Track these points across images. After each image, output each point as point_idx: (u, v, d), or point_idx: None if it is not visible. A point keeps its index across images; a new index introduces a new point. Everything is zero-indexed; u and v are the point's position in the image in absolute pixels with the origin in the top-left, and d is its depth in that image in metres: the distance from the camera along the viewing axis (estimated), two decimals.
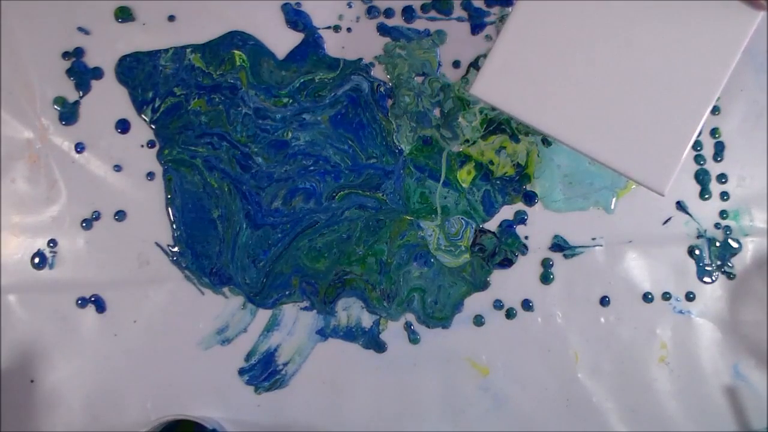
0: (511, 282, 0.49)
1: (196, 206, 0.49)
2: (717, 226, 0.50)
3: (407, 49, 0.50)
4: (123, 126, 0.49)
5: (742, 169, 0.51)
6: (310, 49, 0.50)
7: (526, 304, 0.49)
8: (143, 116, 0.49)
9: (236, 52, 0.50)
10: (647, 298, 0.49)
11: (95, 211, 0.49)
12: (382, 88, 0.50)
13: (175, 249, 0.49)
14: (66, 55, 0.49)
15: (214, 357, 0.48)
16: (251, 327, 0.48)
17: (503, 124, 0.50)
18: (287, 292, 0.49)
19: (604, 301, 0.49)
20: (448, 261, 0.49)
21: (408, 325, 0.49)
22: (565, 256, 0.49)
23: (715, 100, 0.36)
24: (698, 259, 0.50)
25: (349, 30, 0.50)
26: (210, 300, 0.48)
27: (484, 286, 0.49)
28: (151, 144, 0.49)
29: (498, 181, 0.50)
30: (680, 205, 0.50)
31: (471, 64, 0.50)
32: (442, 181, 0.50)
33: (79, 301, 0.48)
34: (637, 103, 0.36)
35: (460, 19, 0.50)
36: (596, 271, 0.49)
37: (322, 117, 0.50)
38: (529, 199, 0.50)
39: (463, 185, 0.50)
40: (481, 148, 0.50)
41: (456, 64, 0.50)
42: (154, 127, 0.49)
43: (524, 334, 0.49)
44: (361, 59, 0.50)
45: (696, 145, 0.51)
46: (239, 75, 0.50)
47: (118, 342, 0.48)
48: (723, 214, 0.50)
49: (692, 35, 0.36)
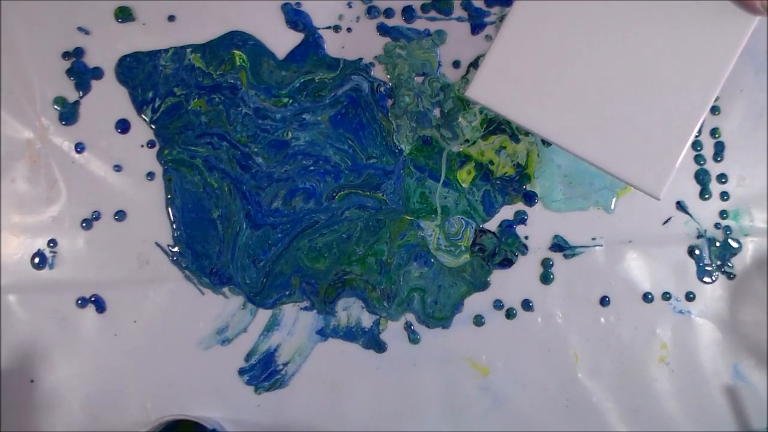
0: (511, 282, 0.49)
1: (196, 206, 0.49)
2: (717, 226, 0.50)
3: (407, 49, 0.50)
4: (123, 126, 0.49)
5: (742, 169, 0.51)
6: (310, 49, 0.50)
7: (526, 304, 0.49)
8: (143, 116, 0.49)
9: (236, 52, 0.50)
10: (647, 298, 0.49)
11: (95, 211, 0.49)
12: (382, 88, 0.50)
13: (175, 249, 0.49)
14: (66, 55, 0.49)
15: (214, 357, 0.48)
16: (251, 327, 0.48)
17: (503, 124, 0.50)
18: (287, 292, 0.49)
19: (604, 301, 0.49)
20: (448, 261, 0.49)
21: (408, 325, 0.49)
22: (565, 256, 0.49)
23: (711, 105, 0.36)
24: (698, 259, 0.50)
25: (349, 30, 0.50)
26: (210, 300, 0.48)
27: (484, 286, 0.49)
28: (151, 144, 0.49)
29: (498, 181, 0.50)
30: (680, 205, 0.50)
31: (471, 64, 0.50)
32: (442, 181, 0.50)
33: (79, 301, 0.48)
34: (634, 107, 0.36)
35: (460, 19, 0.50)
36: (596, 271, 0.49)
37: (322, 117, 0.50)
38: (529, 199, 0.50)
39: (463, 185, 0.50)
40: (481, 148, 0.50)
41: (456, 64, 0.50)
42: (154, 127, 0.49)
43: (524, 334, 0.49)
44: (361, 59, 0.50)
45: (696, 145, 0.51)
46: (239, 75, 0.50)
47: (118, 342, 0.48)
48: (723, 214, 0.50)
49: (689, 39, 0.36)
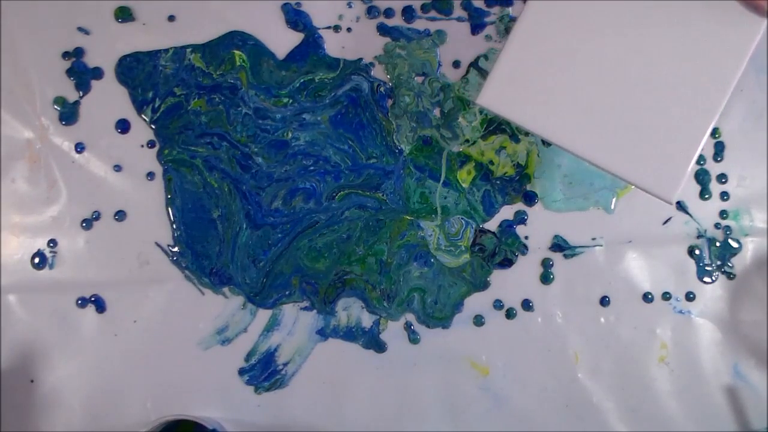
0: (511, 282, 0.49)
1: (196, 206, 0.49)
2: (717, 226, 0.50)
3: (407, 49, 0.50)
4: (123, 126, 0.49)
5: (742, 169, 0.51)
6: (310, 49, 0.50)
7: (526, 304, 0.49)
8: (143, 116, 0.49)
9: (236, 52, 0.50)
10: (647, 298, 0.49)
11: (95, 211, 0.49)
12: (382, 88, 0.50)
13: (175, 249, 0.49)
14: (66, 55, 0.49)
15: (214, 357, 0.48)
16: (251, 327, 0.48)
17: (503, 124, 0.50)
18: (287, 292, 0.49)
19: (604, 301, 0.49)
20: (448, 261, 0.49)
21: (408, 325, 0.49)
22: (565, 256, 0.49)
23: (722, 108, 0.36)
24: (698, 259, 0.50)
25: (349, 30, 0.50)
26: (210, 300, 0.48)
27: (484, 286, 0.49)
28: (151, 144, 0.49)
29: (498, 181, 0.50)
30: (680, 205, 0.50)
31: (471, 64, 0.50)
32: (442, 181, 0.50)
33: (79, 301, 0.48)
34: (645, 112, 0.36)
35: (460, 19, 0.50)
36: (596, 271, 0.49)
37: (322, 117, 0.50)
38: (529, 199, 0.50)
39: (463, 185, 0.50)
40: (481, 148, 0.50)
41: (456, 64, 0.50)
42: (154, 127, 0.49)
43: (524, 334, 0.49)
44: (361, 59, 0.50)
45: None
46: (239, 75, 0.50)
47: (118, 342, 0.48)
48: (723, 214, 0.50)
49: (698, 42, 0.35)
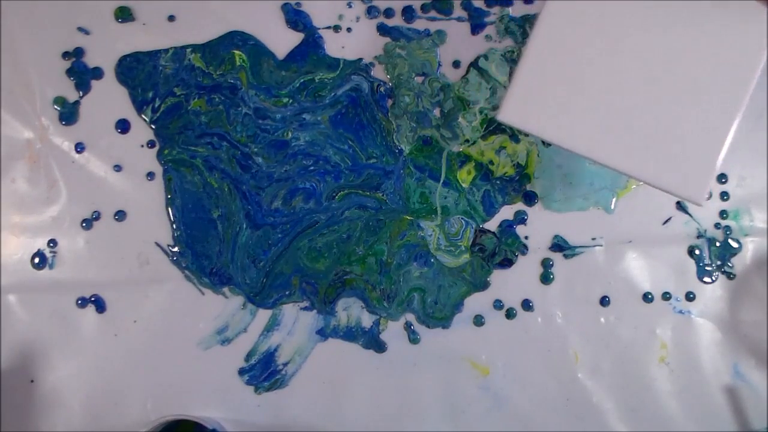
0: (511, 282, 0.49)
1: (196, 206, 0.49)
2: (717, 226, 0.50)
3: (407, 49, 0.50)
4: (123, 126, 0.49)
5: (742, 169, 0.51)
6: (310, 49, 0.50)
7: (526, 304, 0.49)
8: (143, 116, 0.49)
9: (236, 52, 0.50)
10: (647, 298, 0.49)
11: (95, 211, 0.49)
12: (382, 88, 0.50)
13: (175, 249, 0.49)
14: (66, 55, 0.49)
15: (214, 357, 0.48)
16: (251, 327, 0.48)
17: (503, 124, 0.50)
18: (287, 292, 0.49)
19: (604, 301, 0.49)
20: (448, 261, 0.49)
21: (408, 325, 0.49)
22: (565, 256, 0.49)
23: (746, 104, 0.35)
24: (698, 259, 0.50)
25: (349, 30, 0.50)
26: (210, 300, 0.48)
27: (484, 286, 0.49)
28: (151, 144, 0.49)
29: (498, 181, 0.50)
30: (680, 205, 0.50)
31: (471, 64, 0.50)
32: (442, 181, 0.50)
33: (79, 301, 0.48)
34: (667, 115, 0.36)
35: (460, 19, 0.50)
36: (596, 271, 0.49)
37: (322, 117, 0.50)
38: (529, 199, 0.50)
39: (463, 185, 0.50)
40: (481, 148, 0.50)
41: (456, 64, 0.50)
42: (154, 127, 0.49)
43: (524, 334, 0.49)
44: (361, 59, 0.50)
45: None
46: (239, 75, 0.50)
47: (118, 342, 0.48)
48: (723, 214, 0.50)
49: (715, 42, 0.35)
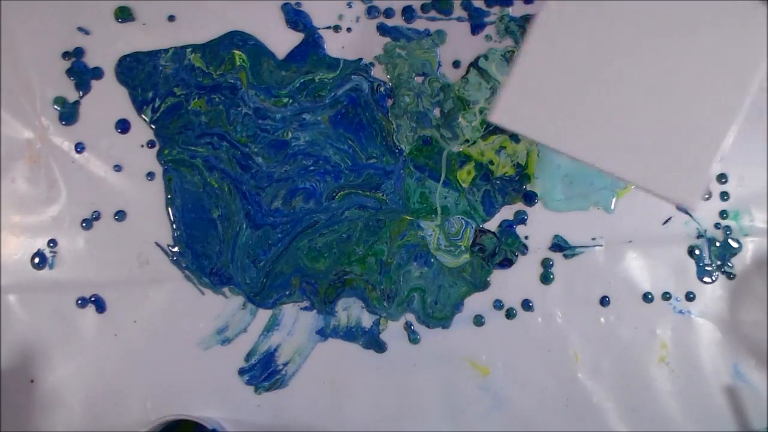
0: (511, 282, 0.49)
1: (196, 206, 0.49)
2: (717, 226, 0.50)
3: (407, 49, 0.50)
4: (123, 126, 0.49)
5: (742, 169, 0.51)
6: (310, 49, 0.50)
7: (526, 304, 0.49)
8: (143, 116, 0.49)
9: (236, 52, 0.50)
10: (647, 298, 0.49)
11: (95, 211, 0.49)
12: (382, 88, 0.50)
13: (175, 249, 0.49)
14: (66, 55, 0.49)
15: (214, 357, 0.48)
16: (251, 327, 0.48)
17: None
18: (287, 292, 0.49)
19: (604, 301, 0.49)
20: (448, 261, 0.49)
21: (408, 325, 0.49)
22: (565, 256, 0.49)
23: (744, 109, 0.35)
24: (698, 259, 0.50)
25: (349, 30, 0.50)
26: (210, 300, 0.48)
27: (484, 286, 0.49)
28: (151, 144, 0.49)
29: (498, 181, 0.50)
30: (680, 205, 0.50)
31: (471, 64, 0.50)
32: (442, 181, 0.50)
33: (79, 301, 0.48)
34: (662, 119, 0.35)
35: (460, 19, 0.50)
36: (596, 271, 0.49)
37: (322, 117, 0.50)
38: (529, 199, 0.50)
39: (463, 185, 0.50)
40: (481, 148, 0.50)
41: (456, 64, 0.50)
42: (154, 127, 0.49)
43: (524, 334, 0.49)
44: (361, 59, 0.50)
45: None
46: (239, 75, 0.50)
47: (118, 342, 0.48)
48: (723, 214, 0.50)
49: (713, 46, 0.35)
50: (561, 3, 0.36)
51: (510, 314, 0.49)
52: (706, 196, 0.35)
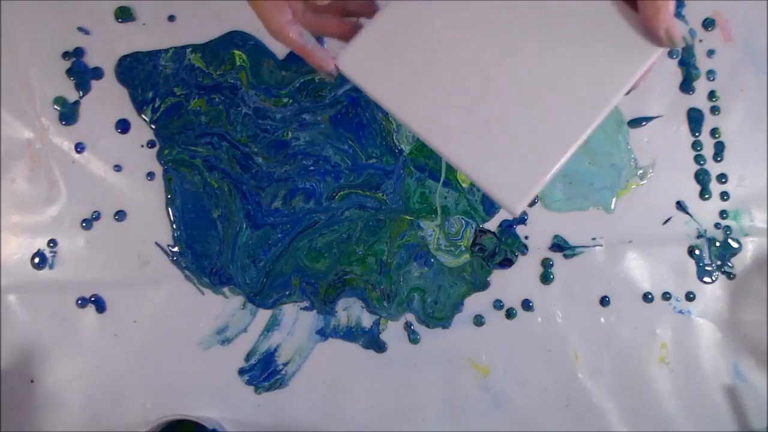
0: (511, 282, 0.49)
1: (196, 206, 0.49)
2: (717, 226, 0.50)
3: None
4: (123, 126, 0.49)
5: (742, 169, 0.51)
6: None
7: (526, 304, 0.49)
8: (143, 116, 0.49)
9: (236, 52, 0.50)
10: (647, 298, 0.49)
11: (95, 211, 0.49)
12: None
13: (175, 249, 0.49)
14: (66, 55, 0.49)
15: (214, 357, 0.48)
16: (251, 327, 0.48)
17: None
18: (287, 292, 0.49)
19: (604, 301, 0.49)
20: (448, 261, 0.49)
21: (408, 325, 0.49)
22: (565, 256, 0.49)
23: (592, 130, 0.33)
24: (698, 259, 0.50)
25: None
26: (210, 300, 0.48)
27: (484, 286, 0.49)
28: (151, 144, 0.49)
29: None
30: (680, 205, 0.50)
31: None
32: (442, 181, 0.50)
33: (79, 301, 0.48)
34: (512, 116, 0.33)
35: None
36: (596, 271, 0.49)
37: (322, 117, 0.50)
38: None
39: (463, 185, 0.50)
40: None
41: None
42: (154, 127, 0.49)
43: (524, 334, 0.49)
44: None
45: (696, 145, 0.51)
46: (239, 75, 0.50)
47: (118, 342, 0.48)
48: (723, 214, 0.50)
49: (584, 58, 0.33)
50: None
51: (510, 314, 0.49)
52: (523, 207, 0.33)
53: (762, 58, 0.51)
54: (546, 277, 0.49)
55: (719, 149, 0.51)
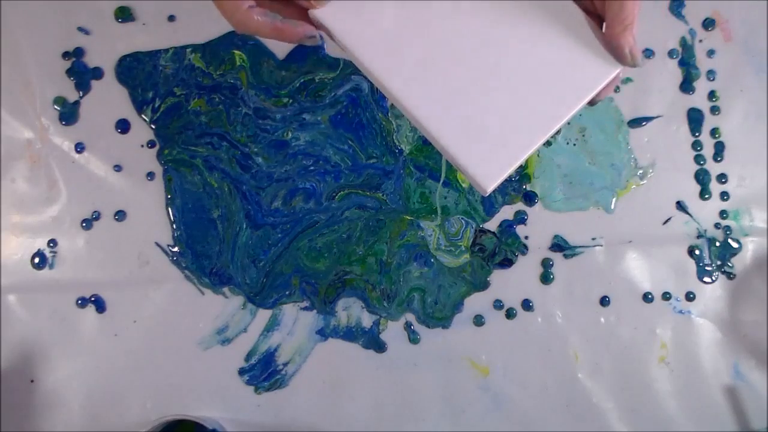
0: (511, 282, 0.49)
1: (196, 206, 0.49)
2: (717, 226, 0.50)
3: None
4: (123, 126, 0.49)
5: (742, 169, 0.51)
6: (310, 49, 0.50)
7: (526, 304, 0.49)
8: (143, 116, 0.49)
9: (236, 52, 0.50)
10: (647, 298, 0.49)
11: (95, 211, 0.49)
12: None
13: (175, 249, 0.49)
14: (66, 55, 0.49)
15: (214, 357, 0.48)
16: (251, 327, 0.48)
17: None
18: (287, 292, 0.49)
19: (604, 301, 0.49)
20: (448, 261, 0.49)
21: (408, 325, 0.49)
22: (565, 256, 0.49)
23: (554, 131, 0.33)
24: (698, 259, 0.50)
25: None
26: (210, 300, 0.48)
27: (484, 286, 0.49)
28: (151, 144, 0.49)
29: None
30: (680, 205, 0.50)
31: None
32: (442, 181, 0.50)
33: (79, 301, 0.48)
34: (493, 96, 0.33)
35: None
36: (596, 271, 0.49)
37: (322, 117, 0.50)
38: (529, 199, 0.50)
39: (463, 185, 0.50)
40: None
41: None
42: (154, 127, 0.49)
43: (524, 334, 0.49)
44: None
45: (696, 145, 0.51)
46: (239, 75, 0.50)
47: (118, 342, 0.48)
48: (723, 214, 0.50)
49: (557, 61, 0.34)
50: None
51: (510, 314, 0.49)
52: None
53: (762, 58, 0.51)
54: (546, 277, 0.49)
55: (719, 149, 0.51)
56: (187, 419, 0.44)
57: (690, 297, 0.49)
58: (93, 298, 0.48)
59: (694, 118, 0.51)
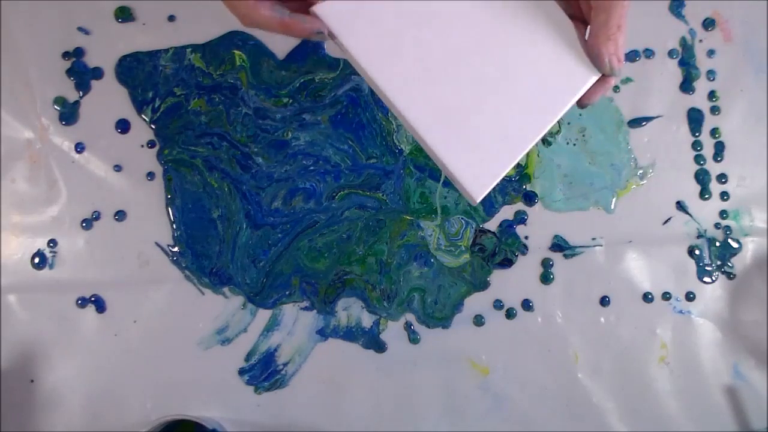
0: (511, 282, 0.49)
1: (196, 206, 0.49)
2: (717, 226, 0.50)
3: None
4: (123, 126, 0.49)
5: (742, 169, 0.51)
6: (310, 49, 0.50)
7: (526, 304, 0.49)
8: (143, 116, 0.49)
9: (236, 52, 0.50)
10: (647, 298, 0.49)
11: (95, 211, 0.49)
12: None
13: (175, 249, 0.49)
14: (66, 55, 0.49)
15: (214, 357, 0.48)
16: (251, 327, 0.48)
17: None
18: (287, 292, 0.49)
19: (604, 301, 0.49)
20: (448, 261, 0.49)
21: (408, 325, 0.49)
22: (565, 256, 0.49)
23: (538, 139, 0.34)
24: (698, 259, 0.50)
25: None
26: (210, 300, 0.48)
27: (484, 286, 0.49)
28: (151, 144, 0.49)
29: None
30: (680, 205, 0.50)
31: None
32: (442, 181, 0.50)
33: (79, 301, 0.48)
34: (481, 104, 0.34)
35: None
36: (596, 271, 0.49)
37: (322, 117, 0.50)
38: (529, 199, 0.50)
39: None
40: None
41: None
42: (154, 127, 0.49)
43: (524, 334, 0.49)
44: None
45: (696, 145, 0.51)
46: (239, 75, 0.50)
47: (118, 342, 0.48)
48: (723, 214, 0.50)
49: (539, 68, 0.34)
50: None
51: (510, 314, 0.49)
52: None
53: (762, 58, 0.51)
54: (546, 277, 0.49)
55: (719, 149, 0.51)
56: (187, 419, 0.44)
57: (690, 297, 0.49)
58: (93, 298, 0.48)
59: (694, 118, 0.51)
